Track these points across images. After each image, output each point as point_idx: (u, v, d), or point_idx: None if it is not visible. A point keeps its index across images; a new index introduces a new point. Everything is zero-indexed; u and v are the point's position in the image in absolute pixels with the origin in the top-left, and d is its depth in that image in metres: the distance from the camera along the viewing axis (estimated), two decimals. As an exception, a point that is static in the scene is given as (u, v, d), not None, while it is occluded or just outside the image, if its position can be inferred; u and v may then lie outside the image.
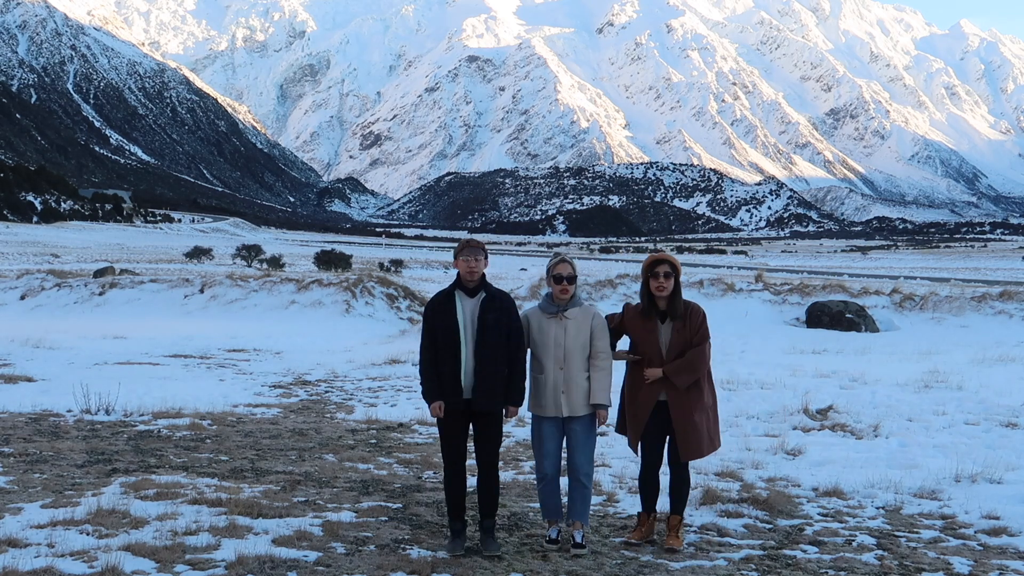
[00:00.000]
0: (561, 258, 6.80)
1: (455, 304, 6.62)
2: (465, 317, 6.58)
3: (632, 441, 6.89)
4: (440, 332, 6.59)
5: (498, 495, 6.81)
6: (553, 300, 6.78)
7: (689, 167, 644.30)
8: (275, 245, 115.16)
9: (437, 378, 6.59)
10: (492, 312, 6.58)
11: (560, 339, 6.69)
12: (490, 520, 6.72)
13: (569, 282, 6.72)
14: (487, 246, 6.84)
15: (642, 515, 6.95)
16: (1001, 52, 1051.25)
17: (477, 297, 6.63)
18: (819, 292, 28.06)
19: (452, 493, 6.70)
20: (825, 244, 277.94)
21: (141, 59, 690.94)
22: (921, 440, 10.61)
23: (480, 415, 6.64)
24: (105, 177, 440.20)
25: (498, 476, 6.79)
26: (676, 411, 6.69)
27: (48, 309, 29.88)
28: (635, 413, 6.81)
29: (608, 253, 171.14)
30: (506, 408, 6.69)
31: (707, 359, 6.77)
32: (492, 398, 6.58)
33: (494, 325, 6.55)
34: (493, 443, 6.70)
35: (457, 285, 6.70)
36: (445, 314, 6.61)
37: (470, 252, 6.64)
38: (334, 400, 13.91)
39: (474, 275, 6.62)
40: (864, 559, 6.64)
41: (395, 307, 29.07)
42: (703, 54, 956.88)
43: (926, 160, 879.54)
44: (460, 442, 6.69)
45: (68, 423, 11.47)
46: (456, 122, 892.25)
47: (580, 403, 6.69)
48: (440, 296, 6.74)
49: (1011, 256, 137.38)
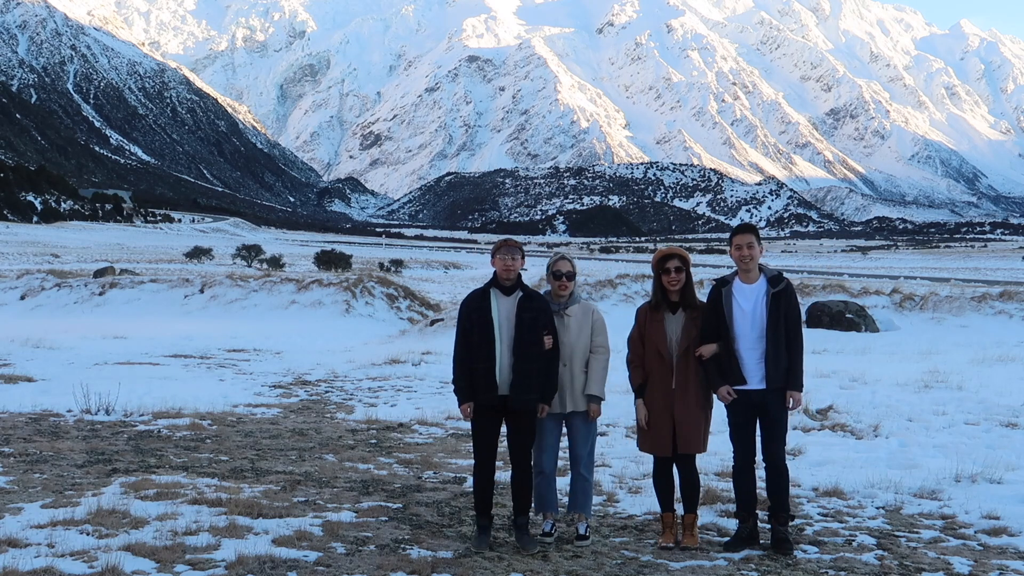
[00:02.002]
0: (561, 256, 6.91)
1: (490, 302, 6.68)
2: (500, 315, 6.64)
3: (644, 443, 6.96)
4: (476, 330, 6.64)
5: (531, 493, 6.83)
6: (553, 298, 6.88)
7: (689, 167, 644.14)
8: (275, 245, 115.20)
9: (469, 376, 6.65)
10: (529, 312, 6.65)
11: (562, 336, 6.79)
12: (524, 517, 6.78)
13: (568, 278, 6.83)
14: (488, 246, 6.89)
15: (666, 516, 6.97)
16: (1001, 52, 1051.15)
17: (514, 296, 6.69)
18: (819, 292, 28.08)
19: (480, 489, 6.75)
20: (825, 244, 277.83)
21: (141, 59, 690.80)
22: (921, 440, 10.61)
23: (514, 413, 6.69)
24: (105, 177, 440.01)
25: (531, 475, 6.81)
26: (680, 405, 6.73)
27: (48, 309, 29.90)
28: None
29: (608, 253, 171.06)
30: (540, 406, 6.76)
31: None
32: (528, 396, 6.65)
33: (531, 325, 6.62)
34: (527, 441, 6.76)
35: (493, 283, 6.75)
36: (480, 312, 6.67)
37: (507, 251, 6.71)
38: (334, 400, 13.92)
39: (510, 273, 6.69)
40: (864, 559, 6.64)
41: (395, 307, 29.09)
42: (703, 54, 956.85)
43: (926, 160, 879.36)
44: (492, 439, 6.74)
45: (68, 423, 11.47)
46: (456, 122, 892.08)
47: (582, 398, 6.80)
48: (475, 294, 6.80)
49: (1011, 256, 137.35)
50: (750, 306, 6.65)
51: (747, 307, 6.65)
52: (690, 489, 6.89)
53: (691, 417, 6.74)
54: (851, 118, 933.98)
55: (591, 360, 6.81)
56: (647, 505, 7.87)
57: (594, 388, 6.79)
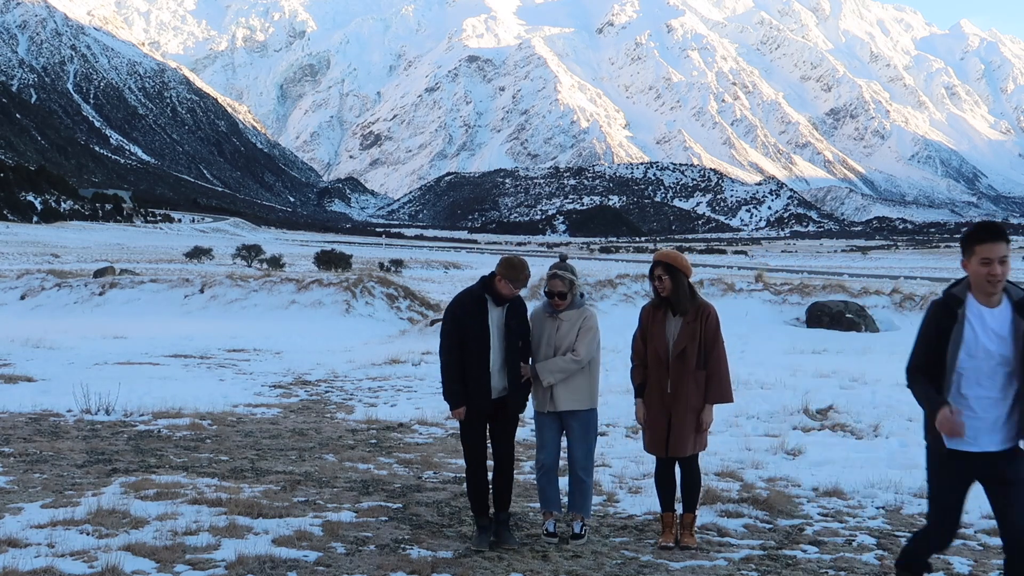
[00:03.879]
0: (555, 273, 6.85)
1: (487, 309, 6.74)
2: (494, 323, 6.75)
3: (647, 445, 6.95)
4: (472, 339, 6.68)
5: (512, 489, 6.99)
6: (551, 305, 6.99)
7: (689, 167, 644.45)
8: (275, 245, 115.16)
9: (462, 382, 6.70)
10: (515, 318, 6.81)
11: (551, 337, 6.84)
12: (505, 513, 6.91)
13: (560, 297, 6.83)
14: (488, 246, 6.91)
15: (666, 516, 6.97)
16: (1001, 52, 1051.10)
17: (503, 304, 6.79)
18: (819, 292, 28.06)
19: (476, 492, 6.88)
20: (825, 244, 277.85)
21: (141, 59, 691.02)
22: (921, 440, 10.56)
23: (501, 415, 6.83)
24: (105, 177, 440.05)
25: (513, 471, 6.98)
26: (673, 407, 6.71)
27: (48, 309, 29.88)
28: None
29: (608, 253, 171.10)
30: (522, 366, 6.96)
31: (726, 361, 6.93)
32: (523, 398, 6.88)
33: (517, 330, 6.79)
34: (510, 437, 6.95)
35: (488, 291, 6.75)
36: (477, 320, 6.70)
37: (521, 285, 6.69)
38: (334, 400, 13.91)
39: (512, 296, 6.77)
40: (864, 559, 6.64)
41: (395, 307, 29.07)
42: (703, 54, 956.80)
43: (926, 160, 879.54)
44: (482, 443, 6.89)
45: (68, 423, 11.47)
46: (456, 122, 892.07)
47: (569, 399, 6.82)
48: (469, 299, 6.78)
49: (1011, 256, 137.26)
50: (994, 341, 4.94)
51: (989, 342, 4.95)
52: (690, 488, 6.88)
53: (683, 420, 6.72)
54: (851, 118, 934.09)
55: (558, 360, 6.76)
56: (647, 505, 7.88)
57: (544, 370, 6.74)
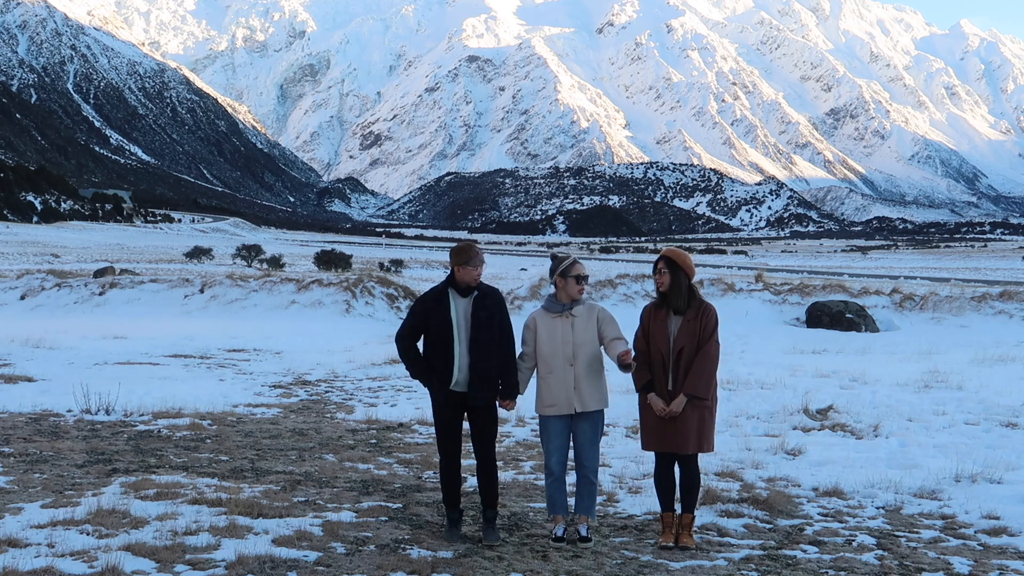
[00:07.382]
0: (574, 259, 6.91)
1: (448, 303, 6.75)
2: (459, 315, 6.73)
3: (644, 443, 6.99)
4: (433, 329, 6.76)
5: (497, 486, 6.99)
6: (558, 299, 6.88)
7: (689, 167, 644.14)
8: (275, 245, 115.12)
9: (424, 361, 6.83)
10: (485, 310, 6.75)
11: (568, 336, 6.79)
12: (492, 511, 6.93)
13: (586, 281, 6.91)
14: (486, 245, 6.91)
15: (665, 516, 6.97)
16: (1001, 52, 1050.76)
17: (470, 295, 6.77)
18: (819, 292, 28.08)
19: (447, 483, 6.95)
20: (825, 244, 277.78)
21: (141, 59, 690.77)
22: (921, 440, 10.61)
23: (475, 409, 6.82)
24: (105, 177, 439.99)
25: (496, 468, 6.99)
26: (674, 398, 6.72)
27: (48, 309, 29.86)
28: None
29: (608, 253, 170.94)
30: (503, 401, 6.88)
31: (714, 358, 6.77)
32: (487, 392, 6.78)
33: (487, 322, 6.73)
34: (489, 436, 6.91)
35: (451, 284, 6.81)
36: (438, 312, 6.75)
37: (477, 263, 6.76)
38: (334, 400, 13.90)
39: (475, 281, 6.77)
40: (864, 559, 6.63)
41: (395, 307, 29.05)
42: (703, 54, 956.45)
43: (926, 160, 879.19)
44: (456, 434, 6.92)
45: (68, 423, 11.46)
46: (456, 122, 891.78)
47: (590, 399, 6.81)
48: (432, 294, 6.87)
49: (1011, 256, 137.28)
50: None
51: None
52: (690, 488, 6.87)
53: (685, 416, 6.71)
54: (851, 118, 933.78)
55: (618, 344, 6.70)
56: (647, 505, 7.87)
57: (620, 347, 6.68)
